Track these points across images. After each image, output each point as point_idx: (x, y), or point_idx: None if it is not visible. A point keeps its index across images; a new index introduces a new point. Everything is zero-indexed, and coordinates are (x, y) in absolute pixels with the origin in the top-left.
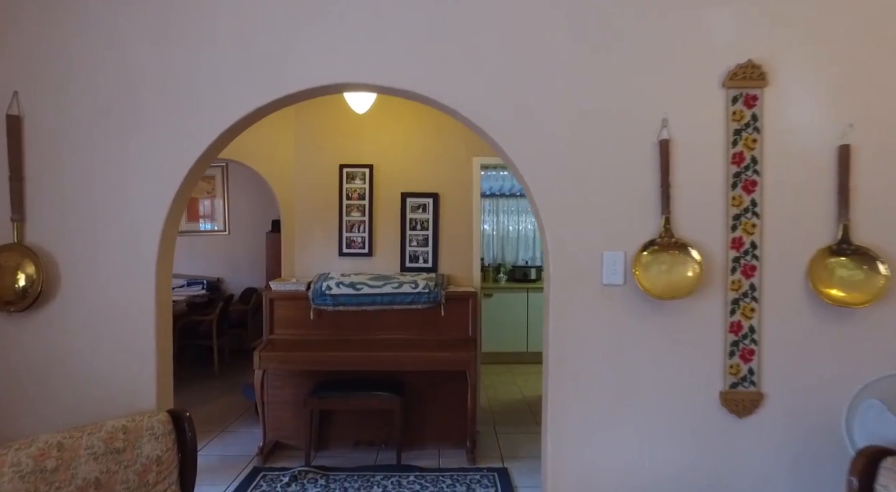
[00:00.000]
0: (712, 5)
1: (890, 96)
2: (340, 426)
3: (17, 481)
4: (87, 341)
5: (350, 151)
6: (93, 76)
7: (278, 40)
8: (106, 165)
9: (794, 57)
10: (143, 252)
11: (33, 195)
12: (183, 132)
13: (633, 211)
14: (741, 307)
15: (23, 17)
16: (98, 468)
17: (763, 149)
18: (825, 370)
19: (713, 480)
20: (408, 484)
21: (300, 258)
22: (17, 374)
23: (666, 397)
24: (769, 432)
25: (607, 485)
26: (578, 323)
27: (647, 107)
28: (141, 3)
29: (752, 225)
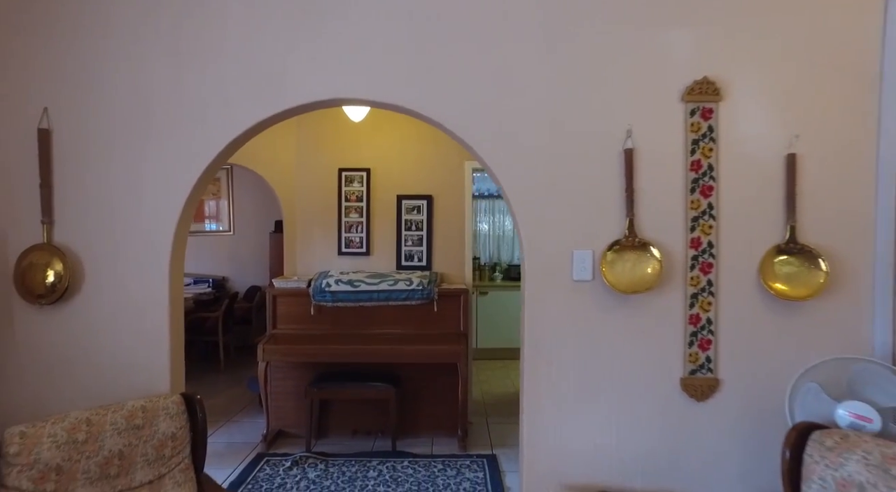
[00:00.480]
0: (672, 27)
1: (830, 111)
2: (339, 416)
3: (53, 449)
4: (108, 331)
5: (348, 155)
6: (113, 93)
7: (279, 59)
8: (124, 172)
9: (746, 74)
10: (158, 252)
11: (60, 200)
12: (193, 143)
13: (601, 213)
14: (699, 301)
15: (51, 41)
16: (121, 442)
17: (718, 157)
18: (774, 358)
19: (674, 458)
20: (402, 469)
21: (301, 257)
22: (47, 360)
23: (631, 383)
24: (725, 414)
25: (578, 463)
26: (551, 315)
27: (614, 119)
28: (155, 27)
29: (709, 226)
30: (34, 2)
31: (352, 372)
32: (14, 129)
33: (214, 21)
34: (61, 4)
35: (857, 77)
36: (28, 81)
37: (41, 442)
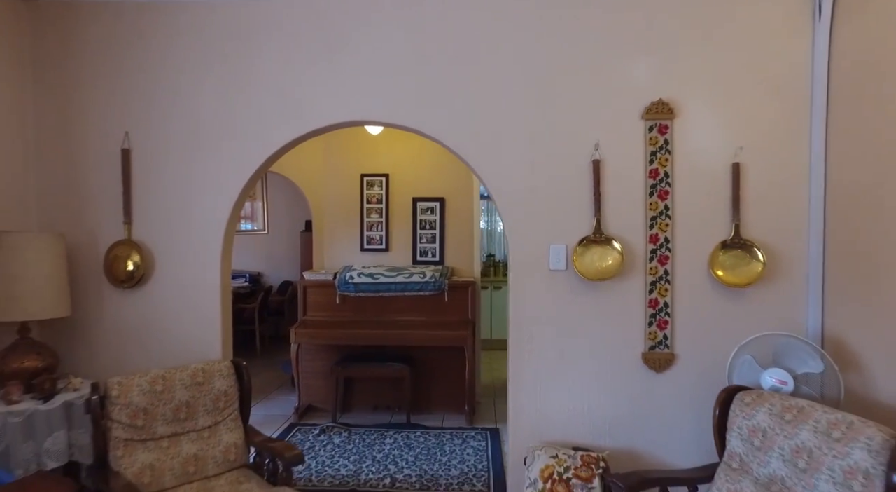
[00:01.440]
0: (632, 56)
1: (769, 126)
2: (361, 392)
3: (140, 395)
4: (173, 310)
5: (369, 162)
6: (177, 119)
7: (306, 90)
8: (186, 182)
9: (696, 96)
10: (212, 246)
11: (137, 205)
12: (239, 158)
13: (573, 214)
14: (657, 288)
15: (128, 80)
16: (187, 394)
17: (673, 166)
18: (722, 336)
19: (637, 421)
20: (414, 437)
21: (328, 253)
22: (127, 330)
23: (599, 357)
24: (680, 384)
25: (555, 424)
26: (532, 298)
27: (583, 135)
28: (208, 66)
29: (666, 224)
30: (113, 54)
31: (372, 354)
32: (102, 150)
33: (254, 59)
34: (133, 53)
35: (790, 97)
36: (112, 112)
37: (132, 390)
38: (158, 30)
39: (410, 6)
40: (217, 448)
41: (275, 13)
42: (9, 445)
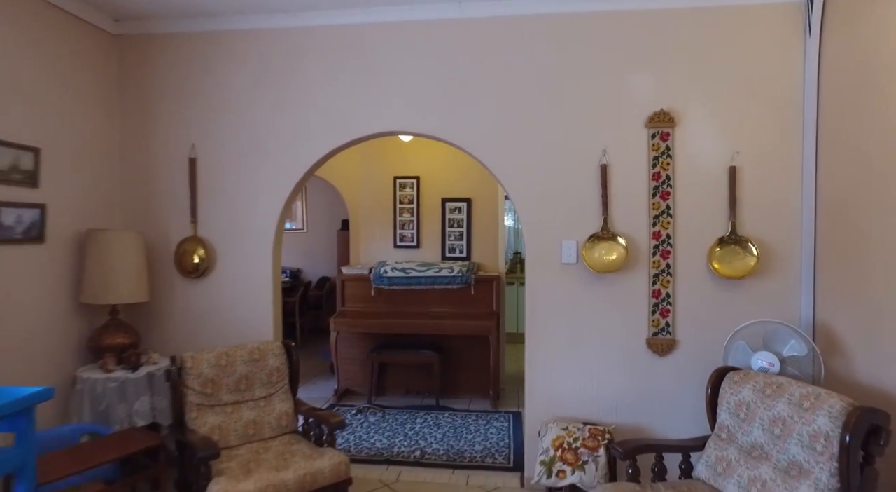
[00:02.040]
0: (637, 72)
1: (763, 132)
2: (394, 378)
3: (208, 368)
4: (233, 297)
5: (401, 166)
6: (236, 132)
7: (348, 104)
8: (242, 186)
9: (695, 106)
10: (265, 242)
11: (202, 207)
12: (288, 165)
13: (582, 213)
14: (660, 280)
15: (195, 99)
16: (247, 369)
17: (674, 169)
18: (719, 324)
19: (641, 400)
20: (443, 418)
21: (364, 249)
22: (194, 314)
23: (607, 342)
24: (681, 367)
25: (567, 402)
26: (546, 288)
27: (592, 141)
28: (264, 86)
29: (667, 222)
30: (182, 76)
31: (404, 342)
32: (173, 159)
33: (301, 79)
34: (198, 75)
35: (783, 105)
36: (181, 126)
37: (202, 363)
38: (219, 55)
39: (438, 35)
40: (271, 415)
41: (319, 39)
42: (108, 405)
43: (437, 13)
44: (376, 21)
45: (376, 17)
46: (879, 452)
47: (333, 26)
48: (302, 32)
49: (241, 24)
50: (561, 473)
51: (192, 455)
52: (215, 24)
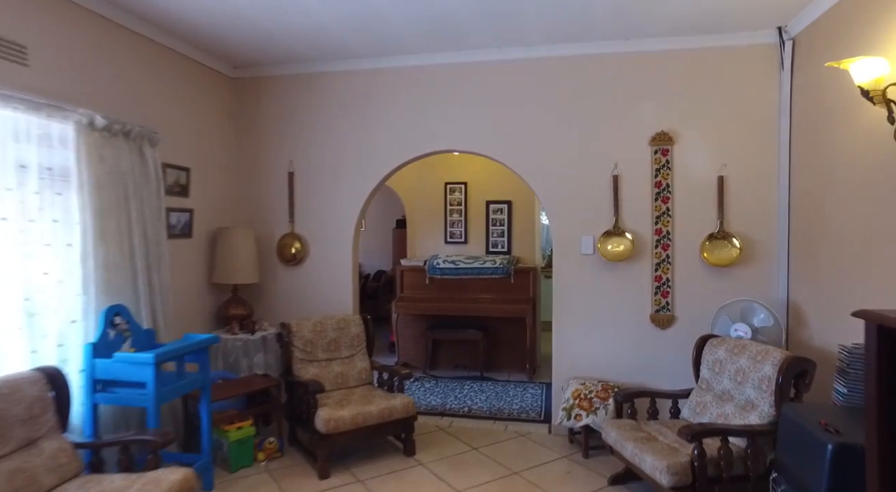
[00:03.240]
0: (642, 101)
1: (746, 149)
2: (445, 354)
3: (308, 332)
4: (322, 280)
5: (451, 173)
6: (326, 149)
7: (415, 127)
8: (329, 193)
9: (689, 128)
10: (346, 237)
11: (298, 209)
12: (366, 176)
13: (598, 214)
14: (661, 267)
15: (292, 123)
16: (335, 334)
17: (673, 179)
18: (707, 302)
19: (645, 365)
20: (486, 386)
21: (419, 244)
22: (292, 293)
23: (618, 317)
24: (678, 337)
25: (586, 365)
26: (569, 275)
27: (606, 157)
28: (345, 112)
29: (667, 221)
30: (284, 108)
31: (453, 323)
32: (276, 173)
33: (375, 108)
34: (295, 106)
35: (762, 126)
36: (282, 147)
37: (303, 328)
38: (312, 91)
39: (482, 73)
40: (354, 370)
41: (389, 77)
42: (235, 358)
43: (481, 56)
44: (433, 63)
45: (433, 60)
46: (805, 389)
47: (400, 67)
48: (376, 72)
49: (329, 67)
50: (578, 416)
51: (303, 392)
52: (309, 68)
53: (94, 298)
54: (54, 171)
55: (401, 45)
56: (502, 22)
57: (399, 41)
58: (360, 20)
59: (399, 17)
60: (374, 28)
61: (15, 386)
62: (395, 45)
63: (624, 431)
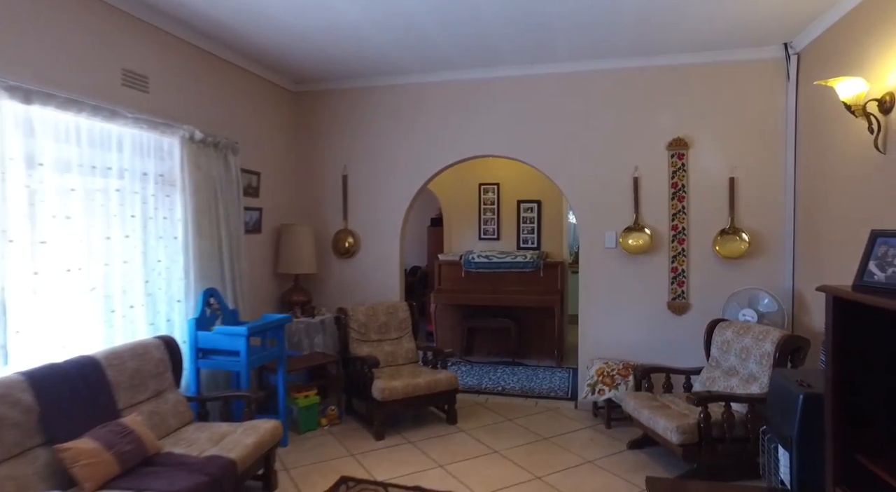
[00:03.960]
0: (660, 109)
1: (755, 153)
2: (479, 341)
3: (362, 316)
4: (372, 271)
5: (485, 175)
6: (377, 155)
7: (449, 136)
8: (379, 194)
9: (703, 134)
10: (394, 234)
11: (351, 208)
12: (412, 178)
13: (620, 211)
14: (677, 259)
15: (346, 132)
16: (385, 318)
17: (688, 180)
18: (719, 290)
19: (663, 348)
20: (518, 370)
21: (455, 241)
22: (346, 283)
23: (638, 305)
24: (692, 323)
25: (609, 347)
26: (594, 266)
27: (627, 160)
28: (393, 122)
29: (683, 218)
30: (338, 118)
31: (487, 312)
32: (332, 176)
33: (420, 118)
34: (349, 116)
35: (770, 132)
36: (337, 153)
37: (358, 312)
38: (363, 103)
39: (515, 86)
40: (402, 349)
41: (433, 90)
42: (298, 338)
43: (514, 71)
44: (472, 78)
45: (472, 75)
46: (800, 363)
47: (443, 82)
48: (421, 86)
49: (379, 82)
50: (601, 391)
51: (360, 366)
52: (361, 83)
53: (192, 282)
54: (164, 177)
55: (443, 63)
56: (534, 41)
57: (442, 59)
58: (408, 41)
59: (443, 38)
60: (421, 48)
61: (145, 349)
62: (439, 63)
63: (641, 400)
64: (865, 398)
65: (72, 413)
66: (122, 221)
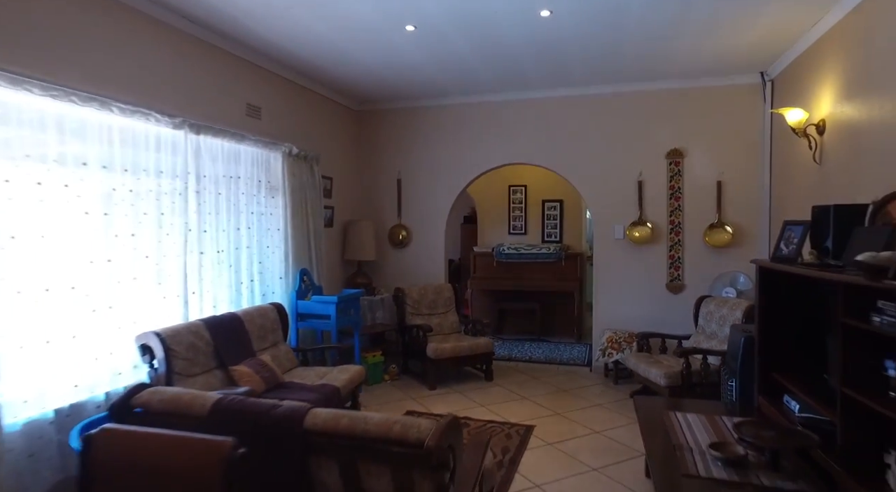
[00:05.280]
0: (660, 125)
1: (738, 160)
2: (509, 321)
3: (415, 294)
4: (422, 258)
5: (514, 178)
6: (424, 164)
7: (488, 146)
8: (426, 195)
9: (696, 145)
10: (439, 228)
11: (404, 206)
12: (454, 182)
13: (627, 208)
14: (674, 248)
15: (402, 145)
16: (434, 296)
17: (683, 183)
18: (708, 273)
19: (661, 320)
20: (542, 345)
21: (487, 235)
22: (400, 269)
23: (642, 285)
24: (687, 300)
25: (618, 320)
26: (606, 254)
27: (633, 166)
28: (439, 135)
29: (679, 214)
30: (394, 132)
31: (515, 297)
32: (388, 180)
33: (460, 133)
34: (402, 130)
35: (750, 144)
36: (393, 161)
37: (412, 292)
38: (415, 120)
39: (540, 105)
40: (448, 321)
41: (472, 109)
42: (363, 312)
43: (539, 94)
44: (504, 99)
45: (504, 97)
46: None
47: (480, 102)
48: (462, 106)
49: (427, 102)
50: (610, 354)
51: (416, 332)
52: (412, 103)
53: (290, 264)
54: (271, 183)
55: (480, 87)
56: (554, 70)
57: (480, 84)
58: (454, 72)
59: (481, 67)
60: (463, 75)
61: (265, 311)
62: (477, 87)
63: (640, 358)
64: (780, 335)
65: (230, 348)
66: (246, 217)
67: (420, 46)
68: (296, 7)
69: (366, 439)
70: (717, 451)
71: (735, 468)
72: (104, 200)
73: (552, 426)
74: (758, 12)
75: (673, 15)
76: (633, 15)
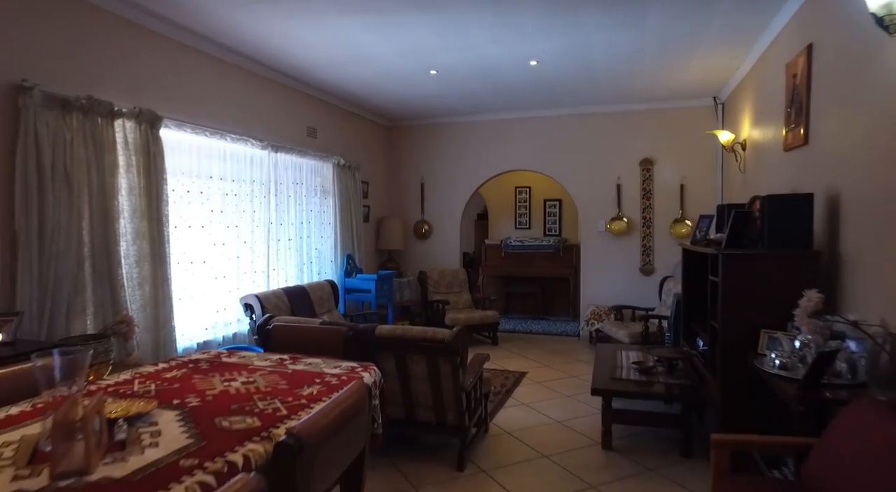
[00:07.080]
0: (634, 138)
1: (699, 167)
2: (515, 303)
3: (436, 276)
4: (441, 248)
5: (520, 181)
6: (442, 170)
7: (494, 155)
8: (444, 196)
9: (663, 155)
10: (455, 223)
11: (427, 203)
12: (467, 185)
13: (607, 206)
14: (646, 239)
15: (425, 155)
16: (451, 278)
17: (653, 186)
18: (673, 259)
19: (635, 297)
20: (542, 322)
21: (496, 229)
22: (423, 257)
23: (620, 269)
24: (655, 280)
25: (600, 297)
26: (592, 243)
27: (612, 172)
28: (455, 146)
29: (649, 211)
30: (418, 143)
31: (521, 282)
32: (413, 184)
33: (472, 144)
34: (426, 141)
35: (708, 155)
36: (417, 167)
37: (433, 274)
38: (434, 134)
39: (538, 123)
40: (462, 298)
41: (480, 126)
42: (402, 293)
43: (534, 113)
44: (506, 117)
45: (507, 115)
46: None
47: (486, 120)
48: (472, 123)
49: (445, 120)
50: (592, 324)
51: (437, 306)
52: (433, 121)
53: (339, 250)
54: (324, 188)
55: (487, 108)
56: (546, 96)
57: (487, 106)
58: (465, 97)
59: (488, 96)
60: (473, 101)
61: (321, 285)
62: (484, 108)
63: (614, 324)
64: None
65: (301, 309)
66: (307, 214)
67: (440, 84)
68: (350, 64)
69: (411, 339)
70: (636, 365)
71: (645, 374)
72: (221, 200)
73: (541, 373)
74: (691, 55)
75: (628, 57)
76: (597, 58)
